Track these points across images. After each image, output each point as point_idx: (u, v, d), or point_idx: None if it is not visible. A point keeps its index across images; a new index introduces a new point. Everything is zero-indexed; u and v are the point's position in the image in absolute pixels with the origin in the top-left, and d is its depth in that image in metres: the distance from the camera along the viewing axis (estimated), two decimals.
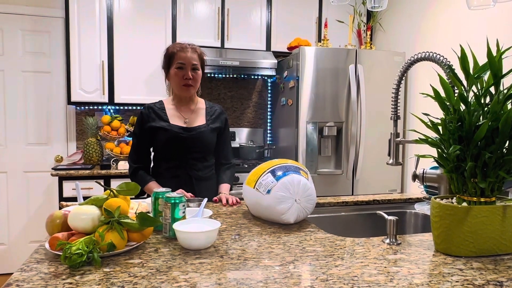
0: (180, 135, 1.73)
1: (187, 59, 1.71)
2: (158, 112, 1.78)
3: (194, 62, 1.72)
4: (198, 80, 1.76)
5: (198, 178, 1.76)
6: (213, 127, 1.81)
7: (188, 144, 1.74)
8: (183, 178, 1.74)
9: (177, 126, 1.75)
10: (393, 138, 1.49)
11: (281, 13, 3.39)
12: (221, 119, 1.86)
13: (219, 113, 1.86)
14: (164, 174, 1.77)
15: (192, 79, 1.72)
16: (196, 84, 1.76)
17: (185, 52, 1.72)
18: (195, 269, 0.93)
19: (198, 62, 1.74)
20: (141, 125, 1.77)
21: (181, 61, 1.71)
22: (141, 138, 1.78)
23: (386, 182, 3.13)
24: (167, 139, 1.73)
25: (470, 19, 2.63)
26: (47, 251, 1.02)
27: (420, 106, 3.09)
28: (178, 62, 1.71)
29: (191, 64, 1.72)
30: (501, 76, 0.97)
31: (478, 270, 0.93)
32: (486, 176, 0.99)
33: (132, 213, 1.24)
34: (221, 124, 1.85)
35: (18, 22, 3.20)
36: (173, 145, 1.73)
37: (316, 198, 1.38)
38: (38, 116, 3.30)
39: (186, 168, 1.75)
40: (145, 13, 3.12)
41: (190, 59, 1.71)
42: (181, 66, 1.71)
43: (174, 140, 1.73)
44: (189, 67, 1.71)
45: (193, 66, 1.72)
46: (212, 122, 1.82)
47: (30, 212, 3.31)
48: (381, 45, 3.57)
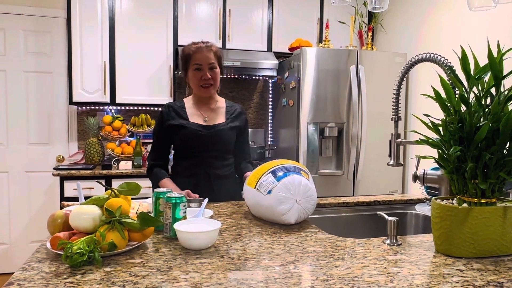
0: (199, 132, 1.73)
1: (203, 60, 1.71)
2: (178, 111, 1.78)
3: (211, 61, 1.72)
4: (216, 79, 1.76)
5: (216, 177, 1.76)
6: (232, 125, 1.80)
7: (206, 141, 1.74)
8: (202, 176, 1.74)
9: (196, 124, 1.75)
10: (394, 139, 1.49)
11: (282, 14, 3.40)
12: (241, 119, 1.86)
13: (239, 113, 1.86)
14: (183, 172, 1.78)
15: (210, 78, 1.72)
16: (215, 82, 1.76)
17: (200, 52, 1.72)
18: (196, 269, 0.93)
19: (215, 61, 1.74)
20: (161, 123, 1.78)
21: (198, 62, 1.71)
22: (161, 137, 1.79)
23: (387, 183, 3.13)
24: (186, 137, 1.73)
25: (471, 20, 2.63)
26: (48, 251, 1.03)
27: (421, 107, 3.09)
28: (195, 63, 1.72)
29: (208, 64, 1.71)
30: (502, 77, 0.97)
31: (478, 271, 0.93)
32: (486, 177, 1.00)
33: (133, 213, 1.25)
34: (240, 123, 1.85)
35: (20, 22, 3.21)
36: (192, 143, 1.74)
37: (317, 198, 1.38)
38: (39, 116, 3.31)
39: (204, 166, 1.74)
40: (147, 13, 3.13)
41: (207, 59, 1.71)
42: (198, 67, 1.71)
43: (193, 137, 1.73)
44: (206, 67, 1.71)
45: (210, 66, 1.72)
46: (232, 121, 1.82)
47: (31, 211, 3.32)
48: (382, 46, 3.57)
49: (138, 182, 1.19)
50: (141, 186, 1.15)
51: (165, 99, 3.20)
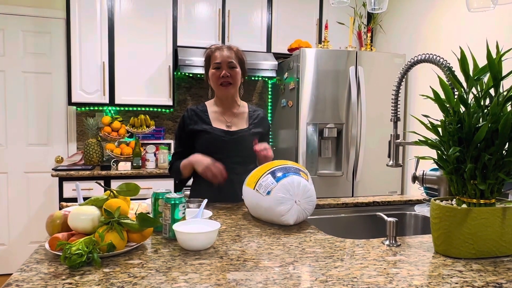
0: (222, 138, 1.70)
1: (222, 58, 1.68)
2: (200, 115, 1.75)
3: (230, 59, 1.69)
4: (236, 78, 1.72)
5: (240, 182, 1.64)
6: (255, 131, 1.77)
7: (229, 147, 1.71)
8: (225, 182, 1.67)
9: (219, 129, 1.72)
10: (393, 140, 1.49)
11: (281, 15, 3.40)
12: (264, 124, 1.83)
13: (261, 118, 1.83)
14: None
15: (229, 76, 1.69)
16: (235, 81, 1.71)
17: (220, 51, 1.69)
18: (195, 269, 0.93)
19: (235, 60, 1.70)
20: (182, 127, 1.75)
21: (217, 61, 1.68)
22: (183, 141, 1.76)
23: (386, 184, 3.13)
24: (209, 142, 1.70)
25: (470, 21, 2.64)
26: (47, 252, 1.02)
27: (420, 108, 3.10)
28: (214, 62, 1.69)
29: (227, 62, 1.68)
30: (501, 78, 0.97)
31: (477, 271, 0.93)
32: (485, 178, 1.00)
33: (132, 214, 1.25)
34: (263, 129, 1.81)
35: (19, 22, 3.21)
36: (214, 148, 1.70)
37: (316, 199, 1.38)
38: (38, 117, 3.30)
39: (227, 171, 1.66)
40: (146, 14, 3.13)
41: (226, 58, 1.68)
42: (217, 66, 1.69)
43: (216, 143, 1.70)
44: (225, 65, 1.68)
45: (230, 64, 1.69)
46: (255, 126, 1.78)
47: (30, 212, 3.31)
48: (381, 47, 3.58)
49: (137, 183, 1.19)
50: (140, 187, 1.15)
51: (164, 99, 3.20)
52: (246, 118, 1.80)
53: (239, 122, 1.78)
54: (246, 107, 1.83)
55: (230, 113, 1.78)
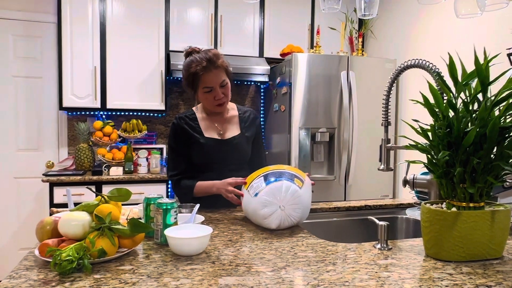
0: (215, 148, 1.68)
1: (214, 82, 1.61)
2: (191, 123, 1.70)
3: (221, 79, 1.62)
4: (229, 92, 1.67)
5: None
6: (248, 135, 1.75)
7: (223, 156, 1.69)
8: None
9: (212, 139, 1.68)
10: (384, 144, 1.51)
11: (273, 20, 3.42)
12: (256, 124, 1.80)
13: (252, 118, 1.79)
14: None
15: (224, 96, 1.64)
16: (228, 97, 1.68)
17: (209, 73, 1.59)
18: (187, 275, 0.92)
19: (225, 76, 1.64)
20: (175, 137, 1.70)
21: (208, 86, 1.61)
22: (178, 150, 1.70)
23: (378, 188, 3.15)
24: (203, 153, 1.67)
25: (458, 27, 2.68)
26: (36, 258, 1.01)
27: (411, 112, 3.13)
28: (205, 86, 1.61)
29: (219, 84, 1.62)
30: (488, 83, 0.98)
31: (467, 274, 0.94)
32: (474, 181, 1.01)
33: (123, 219, 1.24)
34: (255, 130, 1.79)
35: (9, 26, 3.18)
36: (208, 159, 1.68)
37: (307, 207, 1.36)
38: (29, 122, 3.27)
39: (222, 179, 1.61)
40: (138, 18, 3.12)
41: (217, 80, 1.61)
42: (209, 90, 1.62)
43: (210, 153, 1.67)
44: (217, 87, 1.62)
45: (222, 84, 1.63)
46: (247, 130, 1.76)
47: (20, 218, 3.27)
48: (372, 52, 3.61)
49: (129, 188, 1.18)
50: (131, 192, 1.15)
51: (156, 104, 3.19)
52: (237, 122, 1.77)
53: (230, 127, 1.75)
54: (235, 109, 1.80)
55: (221, 119, 1.74)
